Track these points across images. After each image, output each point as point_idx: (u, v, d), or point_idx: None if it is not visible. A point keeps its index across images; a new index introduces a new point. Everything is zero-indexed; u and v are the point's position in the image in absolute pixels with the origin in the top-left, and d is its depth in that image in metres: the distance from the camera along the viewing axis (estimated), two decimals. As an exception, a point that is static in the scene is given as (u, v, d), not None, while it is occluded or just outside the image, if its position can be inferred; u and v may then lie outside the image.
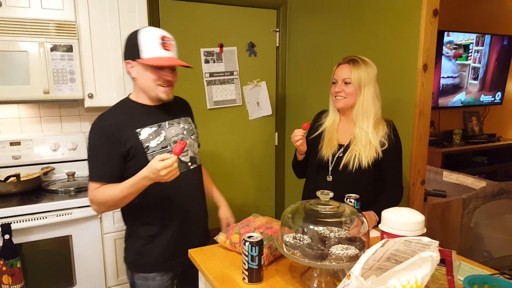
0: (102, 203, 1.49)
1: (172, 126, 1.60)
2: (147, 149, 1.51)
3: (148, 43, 1.46)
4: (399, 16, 2.21)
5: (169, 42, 1.49)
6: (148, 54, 1.46)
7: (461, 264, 1.36)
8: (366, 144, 1.72)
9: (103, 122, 1.52)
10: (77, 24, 2.21)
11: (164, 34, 1.50)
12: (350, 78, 1.71)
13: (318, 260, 1.16)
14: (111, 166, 1.49)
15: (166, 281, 1.65)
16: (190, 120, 1.72)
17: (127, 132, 1.49)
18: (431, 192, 2.75)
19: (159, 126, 1.56)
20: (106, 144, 1.48)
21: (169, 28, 2.87)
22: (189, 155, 1.64)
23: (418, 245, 0.94)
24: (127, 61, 1.52)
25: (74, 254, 2.13)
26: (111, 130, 1.48)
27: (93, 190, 1.50)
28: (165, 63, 1.47)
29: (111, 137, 1.48)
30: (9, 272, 1.93)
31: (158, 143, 1.53)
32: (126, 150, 1.48)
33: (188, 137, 1.64)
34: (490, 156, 4.42)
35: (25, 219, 1.99)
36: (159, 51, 1.46)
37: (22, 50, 2.08)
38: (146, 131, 1.52)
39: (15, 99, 2.13)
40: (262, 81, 3.29)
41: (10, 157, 2.35)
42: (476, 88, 3.53)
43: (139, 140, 1.50)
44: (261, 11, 3.20)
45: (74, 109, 2.61)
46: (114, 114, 1.55)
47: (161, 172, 1.31)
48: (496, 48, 3.59)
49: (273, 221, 1.61)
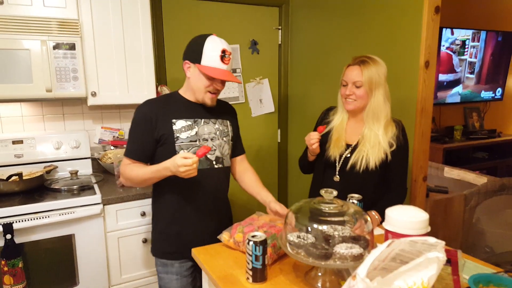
0: (129, 178, 1.66)
1: (206, 125, 1.71)
2: (177, 139, 1.64)
3: (210, 53, 1.58)
4: (401, 13, 2.20)
5: (228, 56, 1.61)
6: (207, 62, 1.59)
7: (466, 262, 1.37)
8: (375, 146, 1.71)
9: (147, 106, 1.67)
10: (79, 22, 2.21)
11: (226, 47, 1.61)
12: (361, 81, 1.68)
13: (323, 259, 1.16)
14: (143, 147, 1.65)
15: (185, 269, 1.74)
16: (228, 123, 1.81)
17: (164, 120, 1.64)
18: (433, 188, 2.76)
19: (194, 121, 1.68)
20: (143, 126, 1.64)
21: (172, 26, 2.89)
22: (216, 154, 1.72)
23: (424, 245, 0.93)
24: (186, 62, 1.65)
25: (77, 253, 2.13)
26: (151, 115, 1.63)
27: (124, 165, 1.68)
28: (220, 76, 1.59)
29: (149, 121, 1.63)
30: (11, 272, 1.92)
31: (188, 136, 1.65)
32: (159, 135, 1.63)
33: (219, 138, 1.74)
34: (490, 151, 4.42)
35: (28, 218, 1.99)
36: (217, 62, 1.59)
37: (25, 48, 2.08)
38: (180, 123, 1.65)
39: (17, 97, 2.13)
40: (265, 79, 3.28)
41: (12, 156, 2.35)
42: (472, 81, 3.71)
43: (172, 129, 1.64)
44: (264, 8, 3.19)
45: (77, 107, 2.61)
46: (158, 102, 1.69)
47: (180, 169, 1.43)
48: (491, 44, 3.75)
49: (276, 220, 1.61)
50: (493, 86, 3.91)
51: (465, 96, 3.77)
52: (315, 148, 1.77)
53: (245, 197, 3.30)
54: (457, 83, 3.69)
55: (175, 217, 1.72)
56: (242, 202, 3.24)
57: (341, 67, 1.80)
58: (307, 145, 1.78)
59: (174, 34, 2.87)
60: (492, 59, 3.81)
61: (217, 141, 1.73)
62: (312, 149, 1.78)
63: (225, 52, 1.60)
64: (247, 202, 3.29)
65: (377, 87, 1.69)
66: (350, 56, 2.57)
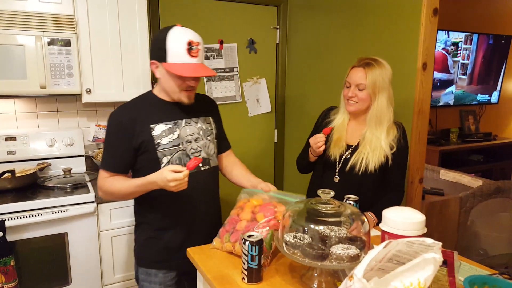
0: (109, 193, 1.54)
1: (188, 125, 1.59)
2: (158, 145, 1.52)
3: (174, 47, 1.44)
4: (399, 15, 2.20)
5: (196, 48, 1.46)
6: (173, 59, 1.45)
7: (461, 264, 1.37)
8: (376, 149, 1.70)
9: (121, 112, 1.54)
10: (75, 18, 2.19)
11: (192, 38, 1.46)
12: (364, 84, 1.67)
13: (319, 260, 1.15)
14: (121, 157, 1.53)
15: (170, 279, 1.64)
16: (210, 120, 1.70)
17: (142, 126, 1.51)
18: (428, 190, 2.76)
19: (174, 123, 1.56)
20: (119, 135, 1.51)
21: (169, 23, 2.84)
22: (202, 156, 1.62)
23: (421, 246, 0.93)
24: (153, 62, 1.51)
25: (70, 252, 2.11)
26: (126, 122, 1.50)
27: (103, 178, 1.54)
28: (190, 74, 1.45)
29: (125, 129, 1.50)
30: (3, 270, 1.90)
31: (170, 141, 1.53)
32: (137, 143, 1.51)
33: (203, 138, 1.63)
34: (486, 154, 4.45)
35: (20, 216, 1.96)
36: (185, 57, 1.44)
37: (19, 43, 2.06)
38: (160, 127, 1.53)
39: (11, 93, 2.10)
40: (262, 78, 3.27)
41: (5, 153, 2.33)
42: (465, 82, 3.88)
43: (151, 135, 1.51)
44: (262, 8, 3.18)
45: (71, 104, 2.58)
46: (133, 107, 1.56)
47: (171, 183, 1.34)
48: (483, 46, 3.91)
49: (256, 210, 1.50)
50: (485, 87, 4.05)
51: (458, 95, 3.90)
52: (321, 150, 1.75)
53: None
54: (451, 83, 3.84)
55: (162, 225, 1.61)
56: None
57: (339, 68, 1.80)
58: (313, 147, 1.76)
59: (171, 32, 2.85)
60: (484, 61, 3.97)
61: (201, 141, 1.62)
62: (317, 151, 1.76)
63: (191, 44, 1.44)
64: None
65: (381, 91, 1.67)
66: (347, 56, 2.59)
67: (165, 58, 1.45)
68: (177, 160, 1.55)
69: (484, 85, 4.00)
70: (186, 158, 1.56)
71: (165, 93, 1.57)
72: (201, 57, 1.50)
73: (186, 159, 1.56)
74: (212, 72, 1.52)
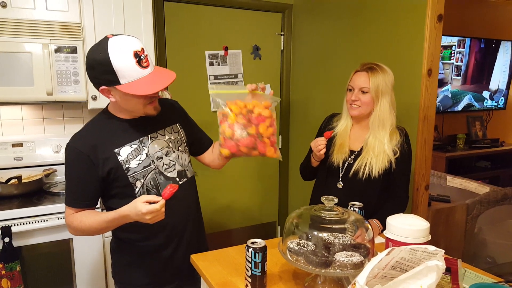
0: (79, 230, 1.40)
1: (155, 140, 1.46)
2: (128, 170, 1.40)
3: (123, 67, 1.25)
4: (404, 21, 2.20)
5: (144, 57, 1.29)
6: (127, 79, 1.27)
7: (466, 271, 1.35)
8: (379, 154, 1.70)
9: (78, 142, 1.39)
10: (82, 26, 2.21)
11: (135, 48, 1.27)
12: (368, 88, 1.68)
13: (322, 267, 1.14)
14: (87, 191, 1.40)
15: None
16: (178, 128, 1.57)
17: (105, 153, 1.38)
18: (435, 197, 2.74)
19: (140, 142, 1.43)
20: (81, 168, 1.37)
21: (175, 31, 2.90)
22: (177, 169, 1.50)
23: (424, 253, 0.92)
24: (102, 88, 1.32)
25: (75, 258, 2.11)
26: (87, 153, 1.36)
27: (69, 215, 1.40)
28: (150, 91, 1.28)
29: (86, 160, 1.36)
30: (8, 275, 1.91)
31: (140, 163, 1.42)
32: (105, 172, 1.38)
33: (174, 150, 1.51)
34: (493, 161, 4.40)
35: (26, 221, 1.98)
36: (138, 72, 1.27)
37: (26, 51, 2.08)
38: (125, 150, 1.41)
39: (18, 100, 2.12)
40: (267, 84, 3.28)
41: (12, 159, 2.35)
42: (459, 82, 4.23)
43: (118, 161, 1.39)
44: (266, 14, 3.20)
45: (77, 111, 2.60)
46: (91, 134, 1.42)
47: (146, 216, 1.22)
48: (475, 50, 4.25)
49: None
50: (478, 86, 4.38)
51: (454, 93, 4.20)
52: (322, 154, 1.75)
53: (244, 202, 3.29)
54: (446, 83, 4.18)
55: (144, 249, 1.50)
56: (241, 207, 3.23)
57: (343, 74, 1.80)
58: (314, 151, 1.76)
59: (176, 39, 2.87)
60: (476, 63, 4.29)
61: (173, 154, 1.50)
62: (318, 155, 1.76)
63: (138, 54, 1.27)
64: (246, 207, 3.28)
65: (384, 95, 1.68)
66: (352, 63, 2.59)
67: (117, 81, 1.27)
68: (152, 181, 1.44)
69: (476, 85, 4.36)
70: (160, 176, 1.46)
71: (125, 113, 1.43)
72: (152, 63, 1.34)
73: (160, 177, 1.46)
74: (171, 76, 1.35)
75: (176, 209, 1.48)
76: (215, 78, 3.06)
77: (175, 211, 1.48)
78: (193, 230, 1.61)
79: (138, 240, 1.51)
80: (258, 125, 1.38)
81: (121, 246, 1.55)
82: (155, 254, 1.52)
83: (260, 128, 1.38)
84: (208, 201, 3.09)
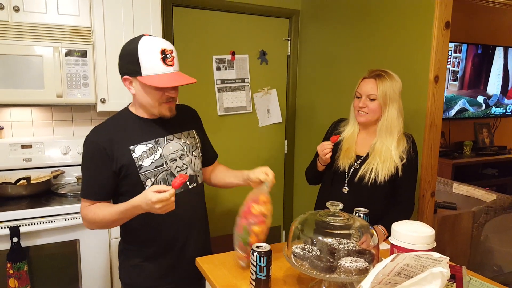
0: (93, 222, 1.43)
1: (170, 142, 1.49)
2: (140, 168, 1.42)
3: (148, 58, 1.33)
4: (411, 28, 2.21)
5: (170, 56, 1.36)
6: (148, 71, 1.33)
7: (471, 279, 1.34)
8: (386, 160, 1.70)
9: (96, 136, 1.43)
10: (92, 30, 2.24)
11: (164, 46, 1.35)
12: (376, 95, 1.68)
13: (327, 272, 1.15)
14: (102, 183, 1.42)
15: None
16: (194, 134, 1.60)
17: (120, 149, 1.41)
18: (441, 204, 2.73)
19: (156, 142, 1.46)
20: (97, 160, 1.40)
21: (183, 35, 2.93)
22: (188, 173, 1.52)
23: (429, 260, 0.93)
24: (125, 77, 1.39)
25: (81, 259, 2.13)
26: (104, 146, 1.39)
27: (84, 208, 1.44)
28: (168, 84, 1.34)
29: (103, 153, 1.39)
30: (16, 275, 1.93)
31: (153, 162, 1.44)
32: (117, 168, 1.40)
33: (188, 154, 1.53)
34: (500, 168, 4.37)
35: (34, 222, 2.00)
36: (161, 67, 1.34)
37: (37, 54, 2.11)
38: (140, 148, 1.43)
39: (28, 102, 2.16)
40: (273, 89, 3.29)
41: (21, 160, 2.38)
42: (456, 87, 4.23)
43: (132, 158, 1.41)
44: (274, 20, 3.22)
45: (86, 114, 2.63)
46: (109, 128, 1.46)
47: (156, 205, 1.23)
48: (472, 55, 4.25)
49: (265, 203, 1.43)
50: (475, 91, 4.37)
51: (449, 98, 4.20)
52: (327, 158, 1.75)
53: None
54: None
55: (150, 251, 1.52)
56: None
57: (350, 79, 1.81)
58: (320, 154, 1.76)
59: (185, 43, 2.90)
60: (473, 68, 4.28)
61: (187, 158, 1.52)
62: (324, 159, 1.77)
63: (165, 52, 1.34)
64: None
65: (391, 102, 1.68)
66: (358, 69, 2.60)
67: (139, 72, 1.34)
68: (162, 181, 1.46)
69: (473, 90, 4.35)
70: (171, 178, 1.47)
71: (143, 110, 1.46)
72: (177, 65, 1.39)
73: (171, 179, 1.46)
74: (192, 79, 1.40)
75: (185, 214, 1.51)
76: (221, 82, 3.08)
77: (183, 216, 1.51)
78: (199, 235, 1.62)
79: (145, 242, 1.52)
80: None
81: (128, 248, 1.57)
82: (161, 257, 1.53)
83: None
84: (213, 204, 3.11)
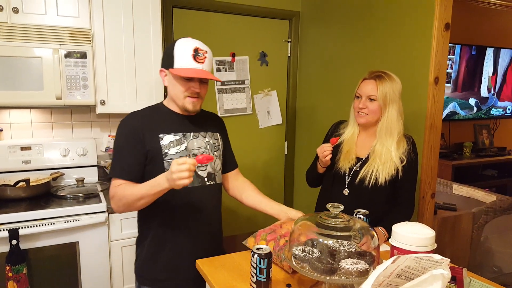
0: (120, 199, 1.44)
1: (196, 139, 1.58)
2: (165, 155, 1.51)
3: (181, 53, 1.47)
4: (411, 29, 2.21)
5: (202, 55, 1.47)
6: (179, 64, 1.47)
7: (472, 281, 1.34)
8: (386, 162, 1.70)
9: (132, 119, 1.54)
10: (91, 31, 2.24)
11: (199, 46, 1.48)
12: (376, 95, 1.68)
13: (327, 274, 1.14)
14: (134, 164, 1.49)
15: None
16: (218, 136, 1.68)
17: (151, 135, 1.51)
18: (441, 205, 2.73)
19: (183, 135, 1.56)
20: (132, 140, 1.49)
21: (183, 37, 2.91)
22: (208, 170, 1.60)
23: (429, 262, 0.92)
24: (161, 69, 1.54)
25: (81, 261, 2.12)
26: (138, 129, 1.50)
27: (114, 187, 1.48)
28: (191, 74, 1.45)
29: (137, 134, 1.49)
30: (15, 278, 1.92)
31: (178, 152, 1.52)
32: (146, 151, 1.50)
33: (210, 152, 1.61)
34: (500, 169, 4.38)
35: (33, 224, 1.99)
36: (190, 62, 1.46)
37: (37, 56, 2.11)
38: (168, 137, 1.53)
39: (28, 104, 2.15)
40: (273, 90, 3.29)
41: (20, 162, 2.37)
42: (449, 90, 4.18)
43: (159, 144, 1.51)
44: (274, 21, 3.22)
45: (85, 115, 2.63)
46: (144, 115, 1.57)
47: (174, 175, 1.25)
48: (466, 57, 4.21)
49: None
50: (469, 93, 4.34)
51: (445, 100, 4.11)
52: (327, 160, 1.75)
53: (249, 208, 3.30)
54: None
55: (165, 242, 1.56)
56: (247, 213, 3.23)
57: (350, 81, 1.81)
58: (319, 156, 1.76)
59: (184, 45, 2.89)
60: (467, 70, 4.24)
61: None
62: (324, 161, 1.76)
63: (198, 51, 1.47)
64: (251, 213, 3.28)
65: (391, 103, 1.68)
66: (359, 70, 2.60)
67: (172, 64, 1.48)
68: None
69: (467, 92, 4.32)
70: None
71: (173, 103, 1.57)
72: (207, 65, 1.50)
73: None
74: (216, 78, 1.52)
75: (200, 208, 1.58)
76: (222, 84, 3.08)
77: (199, 210, 1.57)
78: (214, 233, 1.68)
79: (161, 235, 1.57)
80: None
81: (143, 241, 1.61)
82: (176, 251, 1.57)
83: None
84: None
